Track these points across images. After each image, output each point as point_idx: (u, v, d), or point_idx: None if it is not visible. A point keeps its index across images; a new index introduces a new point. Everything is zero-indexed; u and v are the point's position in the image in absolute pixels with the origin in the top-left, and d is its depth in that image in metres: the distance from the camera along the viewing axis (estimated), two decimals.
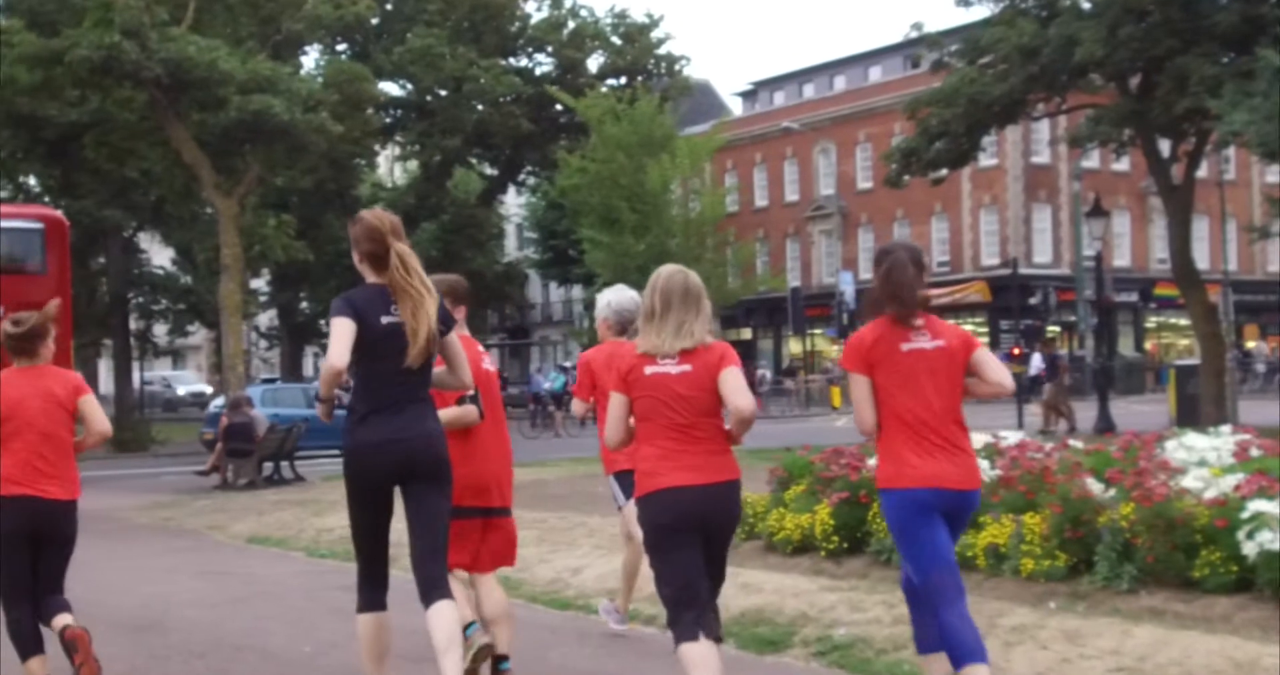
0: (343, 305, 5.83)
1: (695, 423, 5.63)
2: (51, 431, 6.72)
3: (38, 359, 6.88)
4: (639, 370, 5.66)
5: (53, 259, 25.47)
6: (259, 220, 31.93)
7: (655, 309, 5.68)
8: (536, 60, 47.25)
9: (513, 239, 69.56)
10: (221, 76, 28.88)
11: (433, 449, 5.95)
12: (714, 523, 5.67)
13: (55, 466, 6.73)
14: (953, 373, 5.85)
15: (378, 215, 6.06)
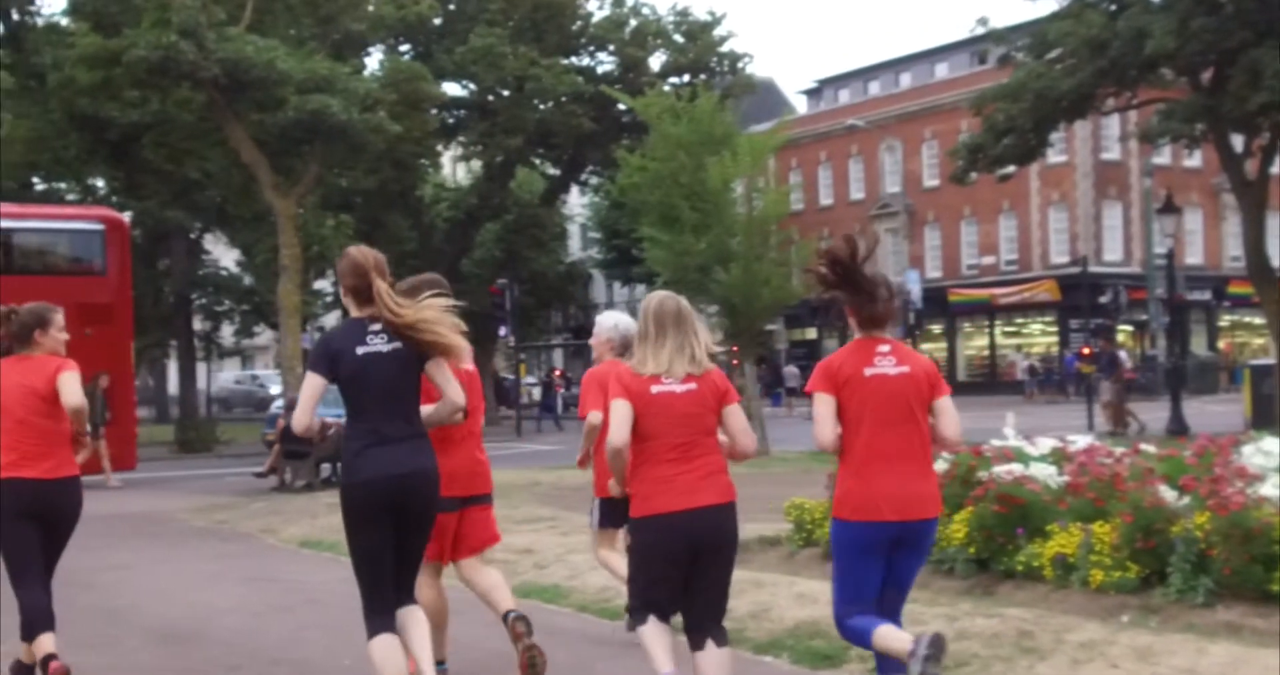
0: (317, 354, 6.17)
1: (696, 441, 5.80)
2: (25, 418, 6.97)
3: (33, 348, 7.12)
4: (646, 390, 5.80)
5: (113, 260, 25.56)
6: (318, 221, 31.84)
7: (650, 332, 5.90)
8: (598, 59, 46.95)
9: (576, 239, 69.40)
10: (279, 76, 28.77)
11: (429, 487, 6.18)
12: (709, 544, 5.81)
13: (41, 450, 6.99)
14: (914, 400, 5.87)
15: (362, 252, 6.29)
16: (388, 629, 6.09)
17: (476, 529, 7.35)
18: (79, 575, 12.24)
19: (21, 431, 7.01)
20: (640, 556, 5.94)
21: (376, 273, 6.15)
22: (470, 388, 6.81)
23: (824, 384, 5.90)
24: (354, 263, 6.23)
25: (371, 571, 6.15)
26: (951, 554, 9.64)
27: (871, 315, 6.01)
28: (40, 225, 26.31)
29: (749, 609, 9.17)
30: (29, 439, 7.01)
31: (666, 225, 25.77)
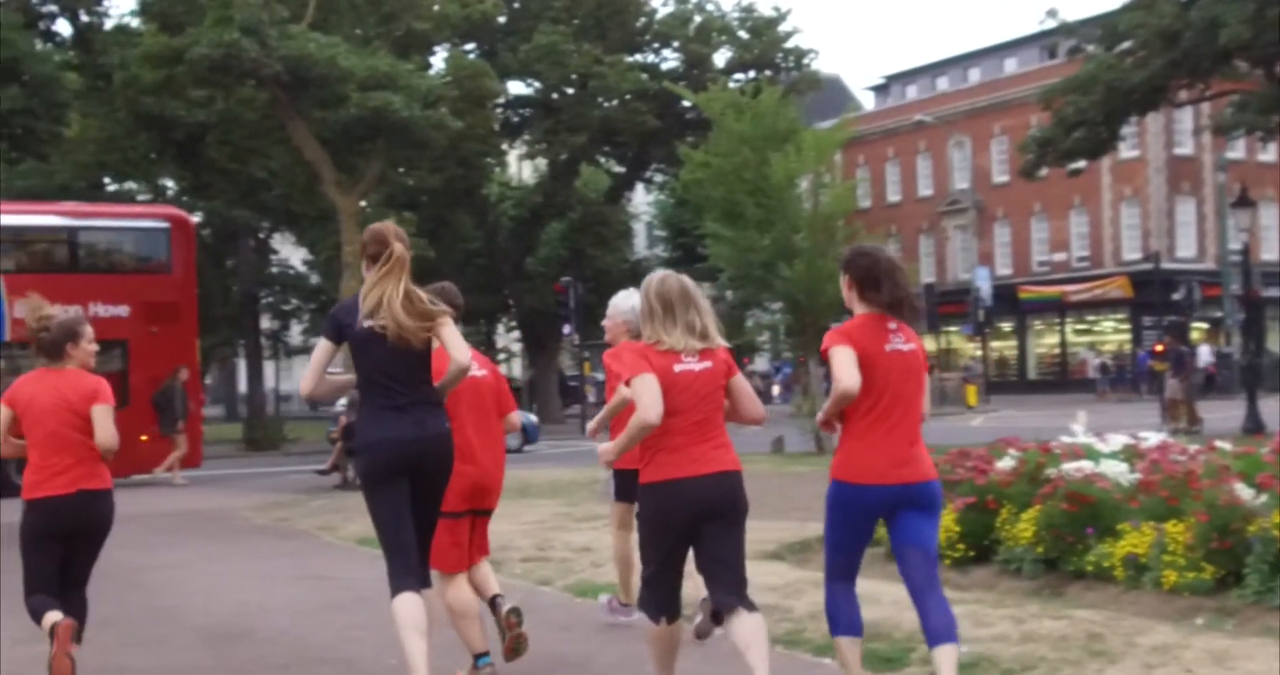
0: (327, 324, 6.42)
1: (709, 417, 5.96)
2: (58, 431, 6.91)
3: (65, 361, 7.10)
4: (669, 368, 5.88)
5: (179, 258, 25.65)
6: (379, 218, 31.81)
7: (655, 310, 5.99)
8: (662, 56, 46.80)
9: (642, 237, 69.19)
10: (341, 73, 28.80)
11: (438, 448, 6.33)
12: (720, 509, 5.94)
13: (71, 464, 6.93)
14: (921, 376, 6.11)
15: (385, 225, 6.53)
16: (410, 588, 6.20)
17: (483, 539, 7.45)
18: (133, 574, 12.21)
19: (52, 444, 6.95)
20: (651, 525, 6.00)
21: (395, 238, 6.35)
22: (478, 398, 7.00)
23: (845, 340, 5.94)
24: (376, 232, 6.44)
25: (393, 533, 6.28)
26: (1019, 554, 9.35)
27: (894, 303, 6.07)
28: (106, 224, 26.47)
29: (808, 609, 8.94)
30: (59, 453, 6.94)
31: (730, 221, 25.50)
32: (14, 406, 7.02)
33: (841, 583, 6.36)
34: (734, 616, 5.97)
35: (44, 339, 7.11)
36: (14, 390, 7.12)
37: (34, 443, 6.98)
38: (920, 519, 6.12)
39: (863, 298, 6.10)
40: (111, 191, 42.89)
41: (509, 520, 14.79)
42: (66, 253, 25.27)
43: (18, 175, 41.07)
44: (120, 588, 11.34)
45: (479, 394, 7.11)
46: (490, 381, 7.29)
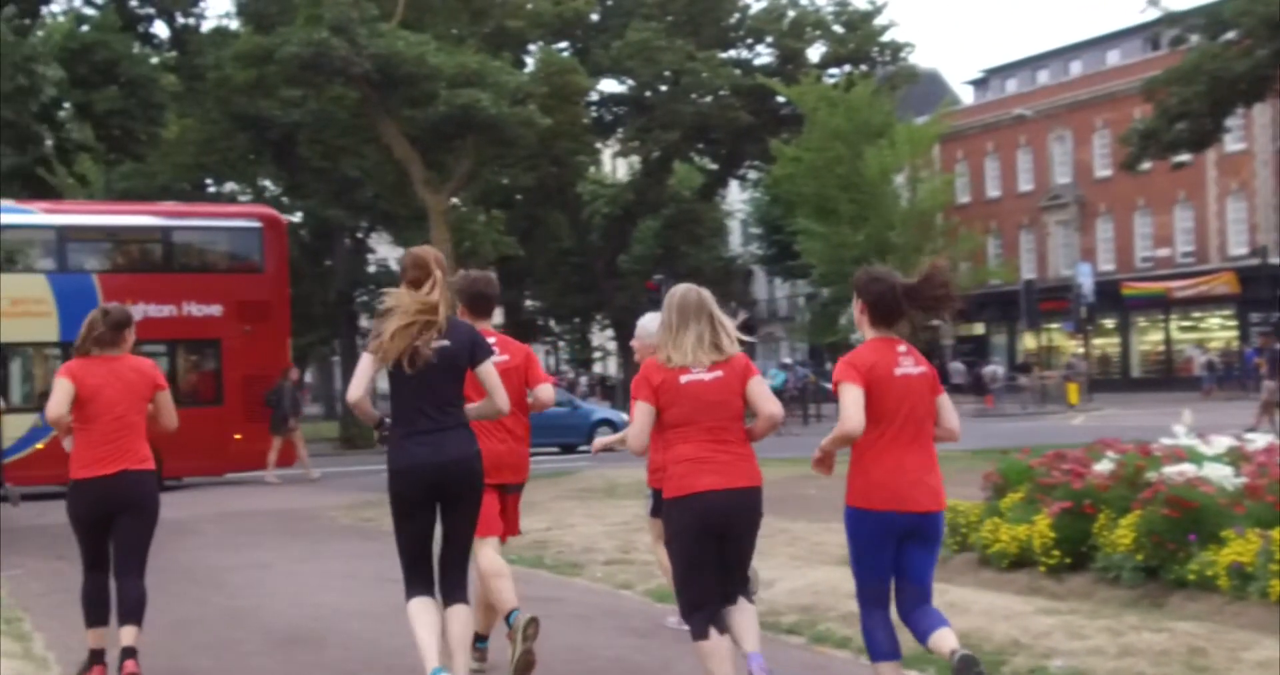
0: (371, 338, 6.49)
1: (725, 426, 6.11)
2: (124, 415, 7.26)
3: (120, 348, 7.39)
4: (673, 381, 6.09)
5: (271, 257, 25.73)
6: (470, 217, 31.76)
7: (673, 323, 6.17)
8: (756, 52, 46.38)
9: (737, 235, 68.85)
10: (429, 71, 28.77)
11: (467, 472, 6.48)
12: (736, 525, 6.15)
13: (126, 447, 7.26)
14: (930, 399, 6.11)
15: (426, 250, 6.70)
16: (424, 593, 6.48)
17: (513, 517, 7.59)
18: (215, 573, 12.15)
19: (116, 427, 7.24)
20: (677, 538, 6.17)
21: (436, 265, 6.52)
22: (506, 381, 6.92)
23: (853, 375, 5.96)
24: (416, 257, 6.59)
25: (411, 555, 6.54)
26: (1117, 561, 8.94)
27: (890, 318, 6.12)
28: (199, 223, 26.61)
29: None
30: (119, 436, 7.25)
31: (822, 217, 25.22)
32: (77, 384, 7.22)
33: (877, 609, 6.27)
34: (735, 604, 6.27)
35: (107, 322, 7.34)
36: (77, 369, 7.30)
37: (99, 426, 7.21)
38: (921, 553, 6.15)
39: (873, 323, 6.13)
40: (212, 192, 43.34)
41: (594, 521, 14.59)
42: (160, 253, 25.45)
43: (120, 177, 41.68)
44: (204, 588, 11.29)
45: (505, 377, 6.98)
46: (512, 364, 7.32)
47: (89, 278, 24.03)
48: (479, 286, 7.35)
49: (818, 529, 13.13)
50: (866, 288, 6.13)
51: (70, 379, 7.27)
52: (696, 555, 6.12)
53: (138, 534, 7.44)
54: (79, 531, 7.44)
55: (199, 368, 25.46)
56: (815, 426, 38.62)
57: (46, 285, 23.57)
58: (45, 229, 24.48)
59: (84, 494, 7.32)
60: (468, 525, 6.63)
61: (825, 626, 8.71)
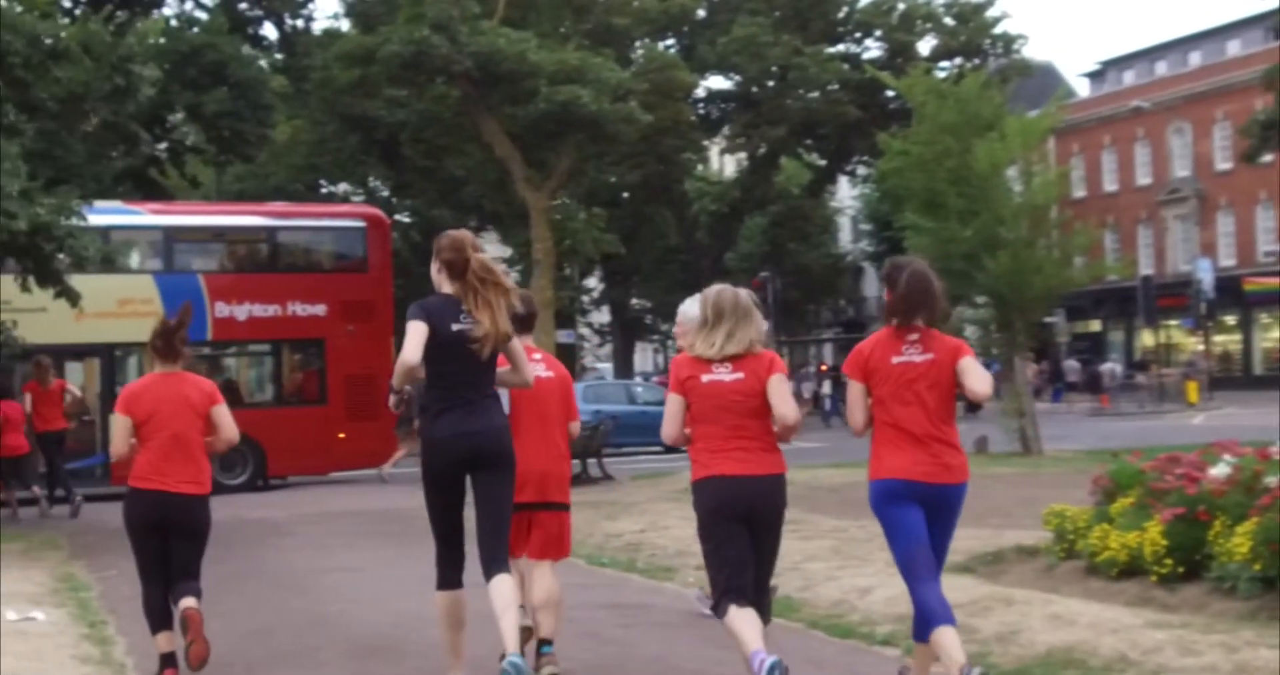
0: (417, 310, 6.55)
1: (745, 424, 6.32)
2: (181, 432, 7.45)
3: (176, 364, 7.60)
4: (696, 378, 6.35)
5: (375, 257, 25.71)
6: (572, 214, 31.54)
7: (709, 319, 6.39)
8: (864, 46, 45.80)
9: (847, 231, 68.14)
10: (530, 68, 28.62)
11: (498, 442, 6.68)
12: (759, 511, 6.32)
13: (184, 464, 7.45)
14: (939, 383, 6.31)
15: (461, 232, 6.88)
16: (453, 585, 6.72)
17: (549, 542, 7.53)
18: (302, 577, 12.02)
19: (171, 445, 7.43)
20: (704, 519, 6.39)
21: (473, 248, 6.71)
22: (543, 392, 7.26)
23: (854, 370, 6.41)
24: (453, 238, 6.77)
25: (445, 529, 6.73)
26: (1232, 571, 8.43)
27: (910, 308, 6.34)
28: (304, 223, 26.65)
29: (995, 630, 8.19)
30: (172, 453, 7.44)
31: (931, 212, 24.51)
32: (132, 415, 7.46)
33: (923, 579, 6.35)
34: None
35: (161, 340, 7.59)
36: (130, 399, 7.54)
37: (155, 443, 7.43)
38: (938, 525, 6.38)
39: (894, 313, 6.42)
40: (325, 193, 43.63)
41: (689, 523, 14.14)
42: (266, 252, 25.53)
43: (233, 178, 42.12)
44: (289, 593, 11.16)
45: (540, 395, 7.28)
46: (555, 383, 7.51)
47: (195, 278, 24.19)
48: (524, 304, 7.23)
49: None
50: (890, 277, 6.50)
51: (124, 413, 7.50)
52: (723, 538, 6.27)
53: (189, 552, 7.68)
54: (133, 537, 7.67)
55: (303, 367, 25.51)
56: None
57: (153, 285, 23.74)
58: (152, 229, 24.67)
59: (139, 502, 7.54)
60: (505, 492, 6.73)
61: (886, 628, 8.34)
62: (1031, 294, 24.22)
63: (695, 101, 46.09)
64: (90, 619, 9.94)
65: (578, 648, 8.45)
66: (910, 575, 6.37)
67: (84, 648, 8.85)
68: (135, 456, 7.47)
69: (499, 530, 6.69)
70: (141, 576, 7.68)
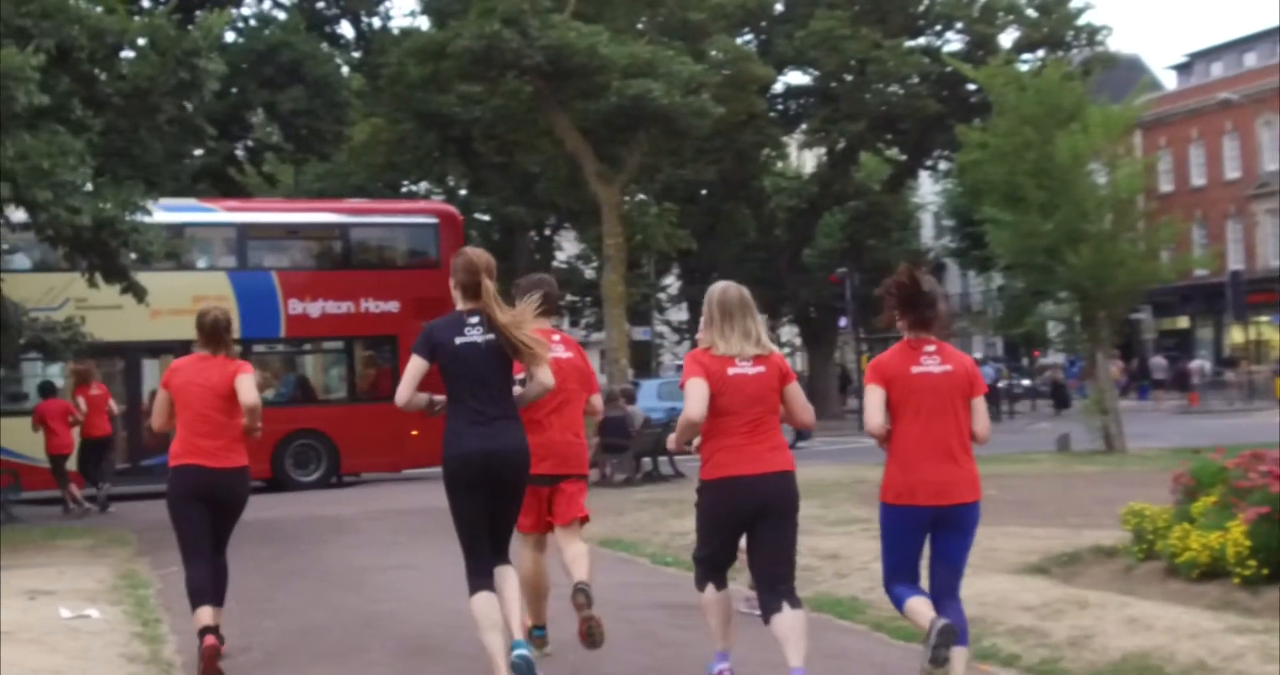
0: (421, 341, 6.95)
1: (762, 419, 6.54)
2: (204, 412, 7.81)
3: (219, 350, 7.95)
4: (723, 371, 6.48)
5: (448, 253, 25.54)
6: (643, 210, 31.18)
7: (715, 317, 6.58)
8: (945, 38, 45.08)
9: (929, 227, 67.36)
10: (601, 62, 28.30)
11: (513, 459, 6.97)
12: (773, 507, 6.51)
13: (214, 441, 7.80)
14: (956, 396, 6.41)
15: (478, 254, 7.14)
16: (486, 588, 6.93)
17: (568, 503, 7.84)
18: (357, 575, 11.86)
19: (197, 423, 7.83)
20: (709, 516, 6.65)
21: (486, 274, 6.97)
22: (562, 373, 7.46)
23: (874, 377, 6.46)
24: (469, 262, 7.04)
25: (471, 536, 7.02)
26: None
27: (920, 321, 6.47)
28: (377, 220, 26.64)
29: (1068, 634, 7.84)
30: (202, 431, 7.82)
31: (1011, 205, 24.01)
32: (169, 389, 7.95)
33: (903, 582, 6.55)
34: (779, 611, 6.44)
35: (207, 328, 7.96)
36: (170, 375, 8.02)
37: (183, 421, 7.87)
38: (953, 538, 6.48)
39: (910, 326, 6.50)
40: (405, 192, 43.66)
41: None
42: (339, 249, 25.53)
43: (314, 177, 42.30)
44: (342, 591, 11.01)
45: (558, 373, 7.36)
46: (575, 362, 7.83)
47: (269, 275, 24.23)
48: (542, 289, 7.67)
49: (993, 533, 12.26)
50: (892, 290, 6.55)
51: (165, 388, 8.03)
52: (723, 532, 6.63)
53: (222, 524, 8.04)
54: (174, 517, 7.96)
55: (376, 364, 25.50)
56: (1008, 423, 37.42)
57: (227, 283, 23.80)
58: (226, 226, 24.72)
59: (178, 480, 7.90)
60: (513, 512, 7.18)
61: (991, 642, 8.00)
62: (1115, 288, 23.67)
63: (773, 97, 45.67)
64: (145, 617, 9.84)
65: (634, 650, 8.23)
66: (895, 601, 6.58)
67: (134, 646, 8.73)
68: (175, 436, 7.94)
69: (503, 542, 7.17)
70: (183, 555, 7.97)
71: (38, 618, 9.50)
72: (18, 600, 10.31)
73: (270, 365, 25.47)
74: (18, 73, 12.45)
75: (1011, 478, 18.33)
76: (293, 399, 24.48)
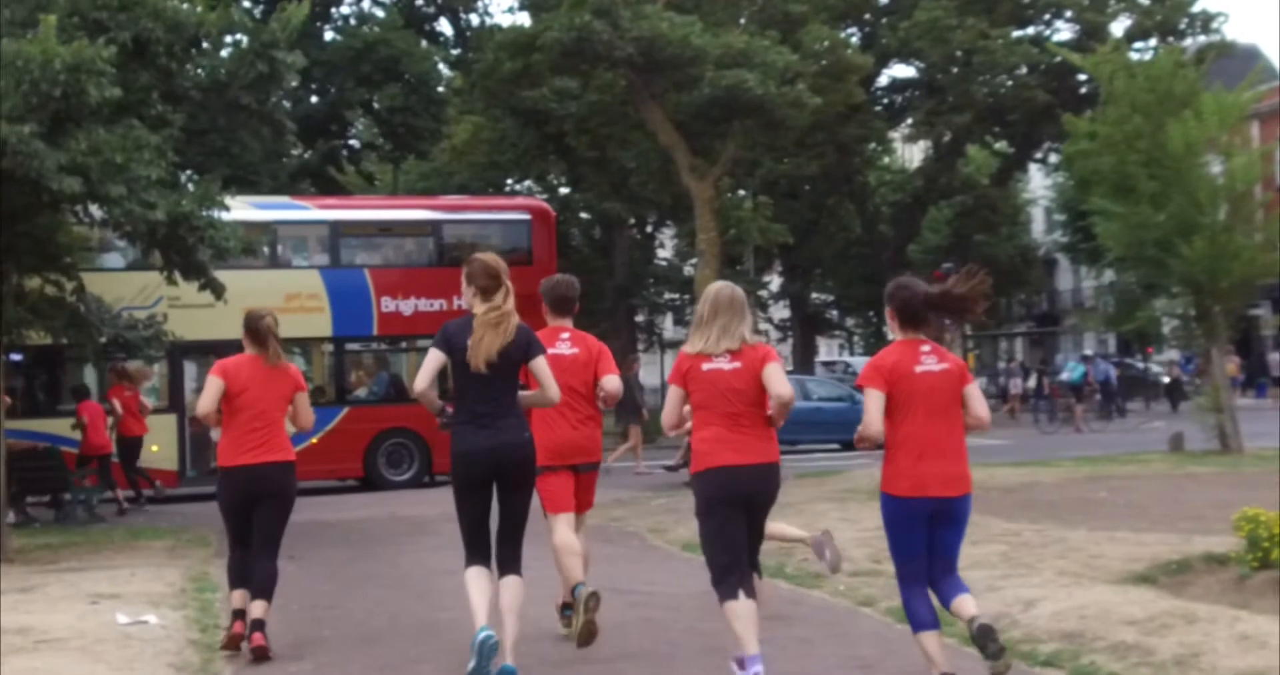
0: (438, 337, 7.30)
1: (744, 412, 6.85)
2: (265, 411, 8.25)
3: (267, 350, 8.35)
4: (697, 367, 6.89)
5: (540, 249, 25.29)
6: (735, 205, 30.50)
7: (704, 316, 6.96)
8: (1054, 27, 43.91)
9: (1040, 222, 66.00)
10: (694, 53, 27.74)
11: (518, 456, 7.28)
12: (757, 497, 6.96)
13: (266, 438, 8.22)
14: (954, 393, 6.71)
15: (493, 258, 7.47)
16: (479, 563, 7.32)
17: (584, 494, 8.43)
18: (425, 579, 11.53)
19: (258, 422, 8.21)
20: (704, 508, 6.95)
21: (505, 276, 7.32)
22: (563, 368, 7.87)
23: (876, 380, 6.61)
24: (486, 265, 7.35)
25: (471, 528, 7.37)
26: None
27: (915, 323, 6.74)
28: (468, 216, 26.37)
29: (1174, 652, 7.22)
30: (261, 429, 8.21)
31: (1121, 196, 23.12)
32: (225, 379, 8.22)
33: (915, 585, 6.80)
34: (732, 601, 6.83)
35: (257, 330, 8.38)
36: (227, 369, 8.30)
37: (242, 419, 8.20)
38: (948, 531, 6.73)
39: (901, 327, 6.77)
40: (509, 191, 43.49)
41: (849, 525, 13.34)
42: (431, 246, 25.25)
43: (418, 177, 42.28)
44: (407, 597, 10.68)
45: (565, 370, 7.89)
46: (582, 358, 8.20)
47: (361, 273, 24.03)
48: (560, 290, 8.46)
49: (1099, 538, 11.64)
50: (894, 295, 6.79)
51: (221, 377, 8.25)
52: (722, 524, 6.85)
53: (273, 520, 8.35)
54: (225, 514, 8.42)
55: None
56: (1119, 423, 36.35)
57: (320, 281, 23.65)
58: (318, 224, 24.56)
59: (230, 481, 8.31)
60: (521, 504, 7.39)
61: (1090, 659, 7.42)
62: (1230, 282, 22.69)
63: (877, 90, 44.87)
64: (205, 623, 9.53)
65: (701, 666, 7.77)
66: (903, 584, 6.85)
67: (186, 654, 8.43)
68: (221, 435, 8.35)
69: (514, 537, 7.43)
70: (231, 542, 8.53)
71: (95, 624, 9.23)
72: (79, 605, 10.08)
73: (363, 364, 25.31)
74: (89, 65, 12.23)
75: (1121, 479, 17.58)
76: (385, 398, 24.24)
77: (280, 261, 24.25)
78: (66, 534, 15.97)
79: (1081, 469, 19.56)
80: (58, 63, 12.13)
